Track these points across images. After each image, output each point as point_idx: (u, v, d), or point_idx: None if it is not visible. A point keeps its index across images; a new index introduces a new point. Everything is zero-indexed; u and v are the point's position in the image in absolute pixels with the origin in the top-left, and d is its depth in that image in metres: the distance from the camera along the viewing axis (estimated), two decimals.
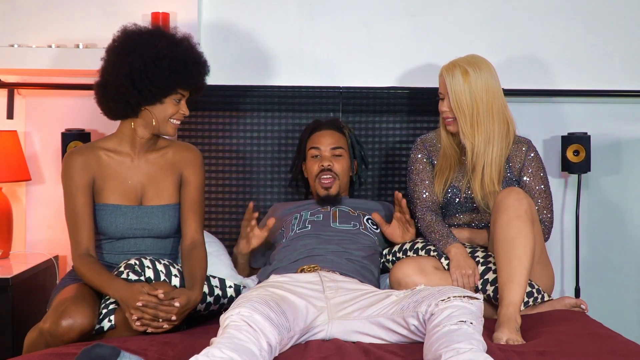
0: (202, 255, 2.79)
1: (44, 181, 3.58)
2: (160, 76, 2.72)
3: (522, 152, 3.09)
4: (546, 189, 3.07)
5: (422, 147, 3.18)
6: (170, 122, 2.81)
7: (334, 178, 3.19)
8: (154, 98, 2.76)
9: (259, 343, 2.23)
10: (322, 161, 3.21)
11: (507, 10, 3.60)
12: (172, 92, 2.77)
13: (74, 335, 2.49)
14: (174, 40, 2.79)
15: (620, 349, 2.39)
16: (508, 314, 2.64)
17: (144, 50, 2.73)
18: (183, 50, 2.79)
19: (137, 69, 2.71)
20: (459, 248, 2.94)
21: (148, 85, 2.72)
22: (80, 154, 2.80)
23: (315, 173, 3.21)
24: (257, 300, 2.35)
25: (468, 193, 3.07)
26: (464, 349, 2.16)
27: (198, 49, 2.85)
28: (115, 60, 2.75)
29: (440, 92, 3.08)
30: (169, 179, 2.86)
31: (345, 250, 2.94)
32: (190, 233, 2.83)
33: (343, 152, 3.24)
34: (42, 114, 3.56)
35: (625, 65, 3.61)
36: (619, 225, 3.65)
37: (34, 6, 3.47)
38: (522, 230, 2.74)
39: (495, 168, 3.03)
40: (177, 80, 2.76)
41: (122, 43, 2.77)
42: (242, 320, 2.26)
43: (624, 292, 3.65)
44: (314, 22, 3.60)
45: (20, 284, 3.14)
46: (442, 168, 3.12)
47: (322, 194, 3.19)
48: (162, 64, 2.72)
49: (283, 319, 2.36)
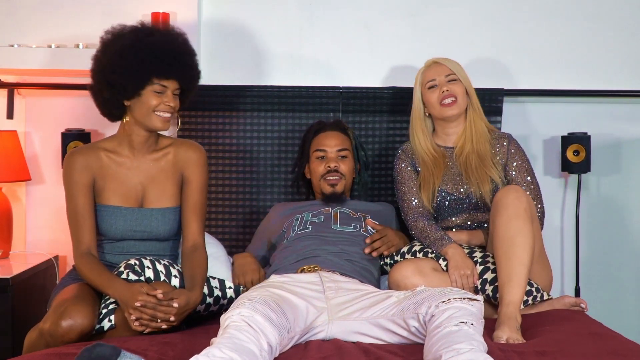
0: (202, 257, 2.79)
1: (44, 181, 3.58)
2: (127, 67, 2.71)
3: (503, 146, 3.12)
4: (533, 180, 3.09)
5: (404, 156, 3.19)
6: (156, 114, 2.76)
7: (340, 177, 3.20)
8: (128, 91, 2.74)
9: (259, 343, 2.23)
10: (328, 162, 3.21)
11: (507, 10, 3.60)
12: (146, 83, 2.73)
13: (74, 335, 2.50)
14: (143, 32, 2.78)
15: (620, 348, 2.39)
16: (508, 313, 2.64)
17: (110, 46, 2.75)
18: (153, 40, 2.75)
19: (106, 64, 2.72)
20: (455, 248, 2.94)
21: (117, 79, 2.71)
22: (81, 154, 2.80)
23: (322, 173, 3.21)
24: (257, 301, 2.35)
25: (457, 195, 3.07)
26: (464, 350, 2.16)
27: (177, 39, 2.81)
28: (92, 63, 2.79)
29: (432, 80, 3.11)
30: (169, 181, 2.85)
31: (345, 251, 2.94)
32: (191, 235, 2.83)
33: (348, 153, 3.25)
34: (42, 114, 3.56)
35: (625, 65, 3.61)
36: (618, 225, 3.65)
37: (33, 6, 3.47)
38: (522, 228, 2.74)
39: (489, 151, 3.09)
40: (146, 69, 2.72)
41: (100, 44, 2.80)
42: (243, 321, 2.26)
43: (624, 291, 3.65)
44: (314, 22, 3.60)
45: (20, 284, 3.14)
46: (425, 177, 3.11)
47: (327, 192, 3.19)
48: (128, 55, 2.71)
49: (283, 320, 2.36)
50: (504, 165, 3.10)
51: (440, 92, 3.09)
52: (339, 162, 3.22)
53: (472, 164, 3.07)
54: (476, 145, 3.09)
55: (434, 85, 3.11)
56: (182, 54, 2.80)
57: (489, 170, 3.05)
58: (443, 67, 3.12)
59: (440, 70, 3.12)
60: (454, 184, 3.09)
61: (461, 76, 3.11)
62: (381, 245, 3.02)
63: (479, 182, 3.04)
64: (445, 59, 3.15)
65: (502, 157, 3.10)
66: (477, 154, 3.08)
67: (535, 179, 3.10)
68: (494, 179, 3.04)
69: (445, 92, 3.08)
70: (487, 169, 3.06)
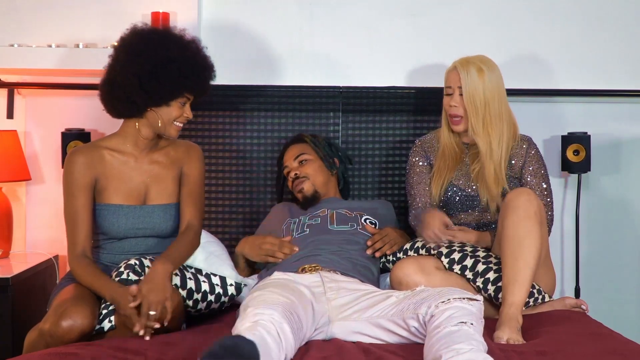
0: (190, 237, 2.79)
1: (44, 181, 3.58)
2: (169, 79, 2.72)
3: (523, 149, 3.11)
4: (547, 187, 3.08)
5: (420, 149, 3.19)
6: (174, 124, 2.81)
7: (303, 179, 3.23)
8: (161, 100, 2.75)
9: (279, 354, 2.19)
10: (290, 173, 3.26)
11: (508, 10, 3.60)
12: (179, 96, 2.77)
13: (74, 336, 2.49)
14: (182, 42, 2.78)
15: (620, 349, 2.39)
16: (510, 314, 2.64)
17: (154, 51, 2.72)
18: (191, 54, 2.78)
19: (147, 71, 2.70)
20: (430, 211, 2.95)
21: (156, 88, 2.71)
22: (83, 153, 2.80)
23: (292, 187, 3.27)
24: (285, 307, 2.31)
25: (468, 191, 3.08)
26: (464, 349, 2.16)
27: (205, 52, 2.85)
28: (124, 59, 2.73)
29: (448, 87, 3.08)
30: (170, 178, 2.87)
31: (345, 250, 2.95)
32: (186, 218, 2.83)
33: (306, 156, 3.27)
34: (42, 114, 3.56)
35: (626, 64, 3.61)
36: (618, 225, 3.65)
37: (34, 6, 3.47)
38: (531, 230, 2.73)
39: (504, 168, 3.06)
40: (185, 84, 2.75)
41: (132, 42, 2.75)
42: (271, 323, 2.22)
43: (624, 291, 3.65)
44: (314, 22, 3.60)
45: (20, 284, 3.13)
46: (440, 168, 3.12)
47: (300, 198, 3.24)
48: (172, 67, 2.71)
49: (301, 334, 2.36)
50: (521, 168, 3.09)
51: (449, 104, 3.07)
52: (299, 168, 3.25)
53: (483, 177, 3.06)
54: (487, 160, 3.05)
55: (449, 93, 3.08)
56: (210, 70, 2.85)
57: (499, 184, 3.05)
58: (459, 77, 3.04)
59: (456, 79, 3.05)
60: (467, 180, 3.09)
61: (468, 89, 3.00)
62: (383, 245, 3.02)
63: (487, 187, 3.05)
64: (463, 67, 3.03)
65: (520, 159, 3.10)
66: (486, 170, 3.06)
67: (550, 186, 3.10)
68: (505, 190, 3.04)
69: (453, 107, 3.06)
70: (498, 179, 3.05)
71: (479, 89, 3.01)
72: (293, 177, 3.25)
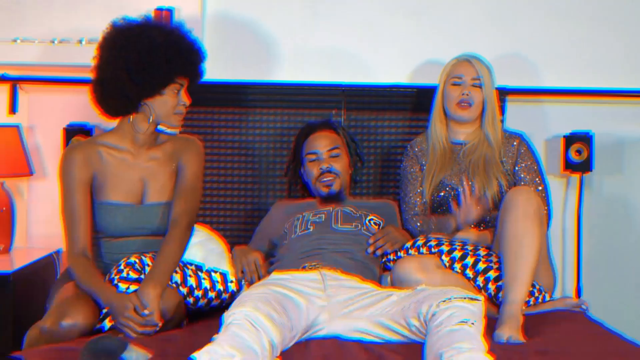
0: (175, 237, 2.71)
1: (46, 176, 3.58)
2: (156, 66, 2.70)
3: (513, 146, 3.14)
4: (541, 182, 3.12)
5: (412, 153, 3.23)
6: (175, 114, 2.79)
7: (335, 176, 3.19)
8: (153, 89, 2.73)
9: (261, 342, 2.23)
10: (321, 164, 3.20)
11: (510, 9, 3.59)
12: (170, 81, 2.74)
13: (74, 335, 2.48)
14: (166, 29, 2.77)
15: (621, 349, 2.39)
16: (510, 312, 2.64)
17: (137, 42, 2.70)
18: (176, 37, 2.76)
19: (133, 62, 2.68)
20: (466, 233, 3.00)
21: (145, 77, 2.70)
22: (80, 150, 2.78)
23: (316, 176, 3.21)
24: (259, 299, 2.36)
25: (461, 190, 3.07)
26: (465, 349, 2.17)
27: (191, 36, 2.82)
28: (109, 56, 2.72)
29: (458, 77, 3.14)
30: (168, 175, 2.84)
31: (347, 250, 2.94)
32: (174, 212, 2.77)
33: (340, 150, 3.24)
34: (45, 109, 3.56)
35: (629, 64, 3.60)
36: (620, 225, 3.64)
37: (36, 1, 3.47)
38: (530, 229, 2.74)
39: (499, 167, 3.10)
40: (173, 68, 2.73)
41: (114, 38, 2.74)
42: (245, 319, 2.27)
43: (625, 291, 3.64)
44: (318, 18, 3.60)
45: (22, 279, 3.14)
46: (429, 165, 3.14)
47: (324, 193, 3.19)
48: (157, 53, 2.70)
49: (285, 319, 2.36)
50: (513, 165, 3.11)
51: (461, 92, 3.12)
52: (332, 161, 3.21)
53: (480, 167, 3.08)
54: (486, 150, 3.12)
55: (459, 82, 3.14)
56: (197, 51, 2.82)
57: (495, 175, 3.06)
58: (473, 68, 3.14)
59: (470, 71, 3.14)
60: (460, 179, 3.09)
61: (486, 83, 3.13)
62: (384, 243, 3.02)
63: (484, 183, 3.06)
64: (477, 61, 3.16)
65: (511, 157, 3.11)
66: (484, 158, 3.10)
67: (544, 181, 3.11)
68: (501, 182, 3.05)
69: (465, 95, 3.12)
70: (494, 173, 3.07)
71: (489, 82, 3.14)
72: (325, 169, 3.20)
